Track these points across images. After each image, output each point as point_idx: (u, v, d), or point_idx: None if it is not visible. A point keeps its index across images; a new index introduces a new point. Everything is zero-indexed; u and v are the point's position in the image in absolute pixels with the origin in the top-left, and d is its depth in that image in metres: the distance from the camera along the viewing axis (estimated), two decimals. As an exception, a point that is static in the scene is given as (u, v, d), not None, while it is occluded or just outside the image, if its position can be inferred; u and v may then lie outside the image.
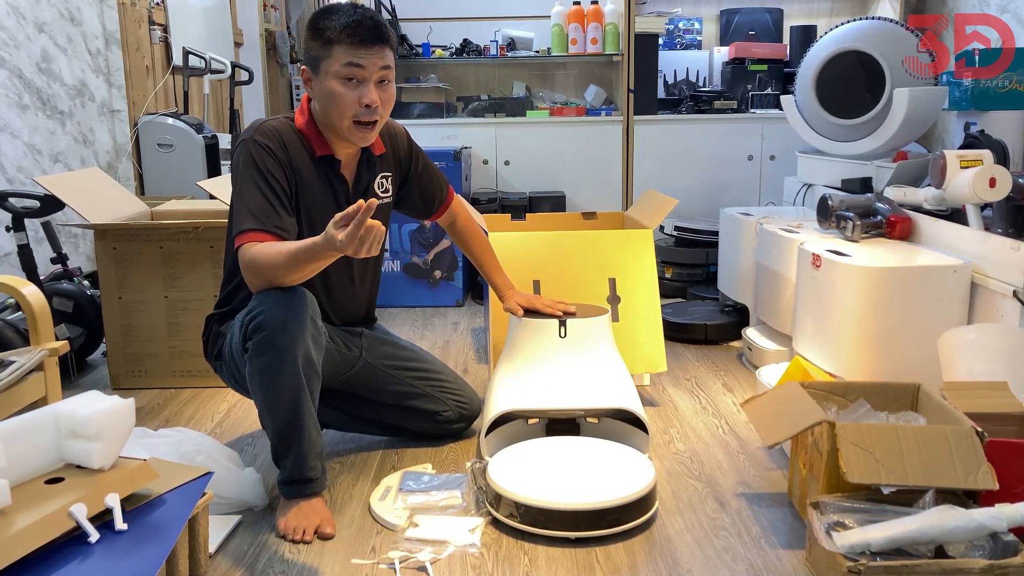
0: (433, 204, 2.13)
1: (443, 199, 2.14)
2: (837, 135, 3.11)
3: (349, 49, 1.73)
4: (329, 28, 1.73)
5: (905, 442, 1.52)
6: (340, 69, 1.74)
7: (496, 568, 1.58)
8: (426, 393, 2.10)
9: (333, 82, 1.75)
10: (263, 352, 1.64)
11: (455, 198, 2.18)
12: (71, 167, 3.36)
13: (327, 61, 1.74)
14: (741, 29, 4.42)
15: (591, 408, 1.99)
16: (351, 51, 1.73)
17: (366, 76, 1.75)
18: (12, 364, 1.79)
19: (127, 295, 2.58)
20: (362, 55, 1.73)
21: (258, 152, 1.75)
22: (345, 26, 1.73)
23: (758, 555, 1.61)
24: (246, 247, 1.68)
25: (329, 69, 1.75)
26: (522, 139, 4.10)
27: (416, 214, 2.15)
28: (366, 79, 1.75)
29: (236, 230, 1.71)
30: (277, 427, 1.70)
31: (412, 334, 3.19)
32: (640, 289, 2.43)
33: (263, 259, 1.65)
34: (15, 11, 3.06)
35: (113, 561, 1.27)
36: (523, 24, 4.41)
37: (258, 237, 1.69)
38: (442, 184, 2.14)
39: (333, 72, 1.74)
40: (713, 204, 3.86)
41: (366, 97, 1.75)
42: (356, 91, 1.75)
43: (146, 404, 2.48)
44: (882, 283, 2.15)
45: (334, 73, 1.74)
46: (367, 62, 1.74)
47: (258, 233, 1.69)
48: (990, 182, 2.17)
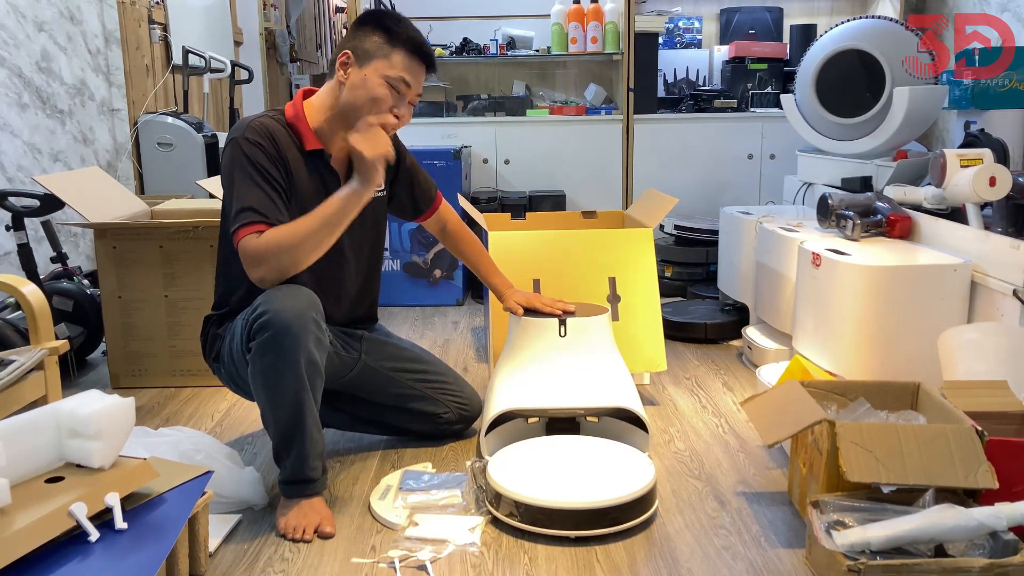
0: (420, 204, 2.13)
1: (431, 200, 2.14)
2: (837, 134, 3.11)
3: (409, 62, 1.81)
4: (400, 33, 1.80)
5: (905, 441, 1.53)
6: (392, 75, 1.79)
7: (496, 567, 1.58)
8: (426, 395, 2.10)
9: (379, 81, 1.79)
10: (267, 352, 1.64)
11: (444, 204, 2.18)
12: (71, 166, 3.36)
13: (382, 61, 1.79)
14: (741, 28, 4.42)
15: (591, 407, 1.99)
16: (410, 65, 1.81)
17: (408, 93, 1.82)
18: (12, 363, 1.79)
19: (127, 294, 2.58)
20: (416, 75, 1.83)
21: (250, 149, 1.75)
22: (413, 39, 1.81)
23: (758, 554, 1.61)
24: (252, 236, 1.68)
25: (382, 68, 1.79)
26: (522, 138, 4.10)
27: (404, 215, 2.15)
28: (406, 95, 1.82)
29: (237, 224, 1.70)
30: (279, 427, 1.70)
31: (412, 333, 3.19)
32: (640, 288, 2.43)
33: (286, 237, 1.68)
34: (15, 10, 3.06)
35: (113, 560, 1.27)
36: (523, 23, 4.40)
37: (261, 228, 1.69)
38: (430, 186, 2.15)
39: (385, 74, 1.79)
40: (713, 203, 3.86)
41: (399, 109, 1.82)
42: (393, 100, 1.81)
43: (146, 403, 2.48)
44: (882, 282, 2.15)
45: (385, 75, 1.79)
46: (416, 83, 1.83)
47: (260, 224, 1.69)
48: (990, 181, 2.17)
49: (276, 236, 1.68)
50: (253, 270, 1.70)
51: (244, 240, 1.69)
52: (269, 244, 1.67)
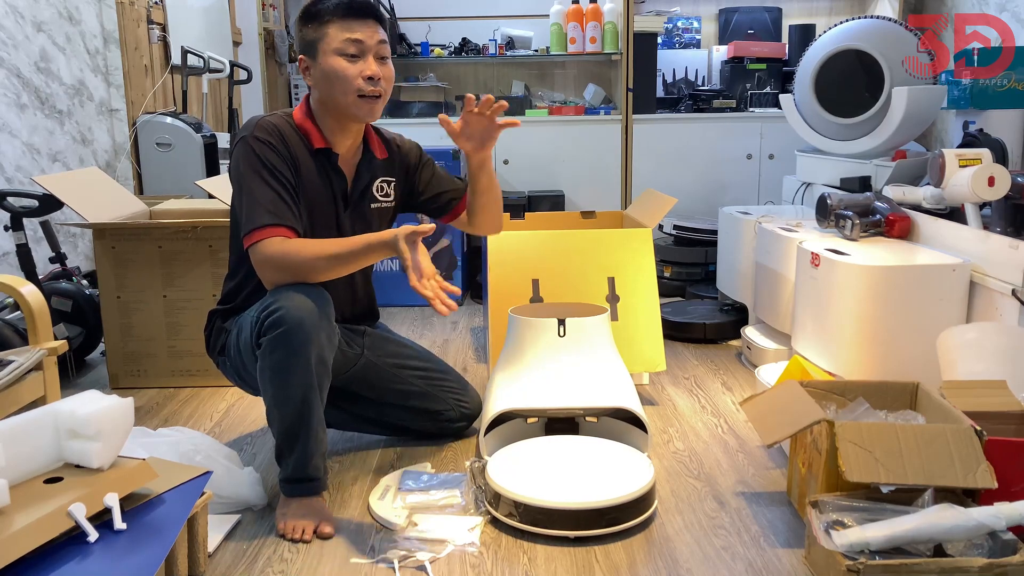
0: (449, 206, 2.07)
1: (460, 197, 2.07)
2: (836, 134, 3.12)
3: (345, 25, 1.76)
4: (323, 10, 1.77)
5: (904, 441, 1.53)
6: (339, 45, 1.76)
7: (495, 567, 1.58)
8: (428, 392, 2.10)
9: (333, 59, 1.77)
10: (277, 348, 1.64)
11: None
12: (70, 166, 3.35)
13: (324, 41, 1.77)
14: (740, 28, 4.42)
15: (590, 407, 1.99)
16: (347, 26, 1.76)
17: (365, 49, 1.77)
18: (11, 363, 1.78)
19: (126, 294, 2.58)
20: (358, 29, 1.77)
21: (260, 148, 1.75)
22: (338, 4, 1.76)
23: (757, 554, 1.61)
24: (266, 242, 1.68)
25: (328, 48, 1.77)
26: (521, 138, 4.09)
27: (438, 215, 2.10)
28: (365, 52, 1.78)
29: (250, 227, 1.70)
30: (284, 424, 1.70)
31: (411, 333, 3.19)
32: (639, 288, 2.43)
33: (300, 255, 1.67)
34: (13, 10, 3.06)
35: (112, 560, 1.27)
36: (522, 23, 4.40)
37: (275, 232, 1.69)
38: (455, 185, 2.08)
39: (332, 50, 1.77)
40: (712, 203, 3.86)
41: (368, 70, 1.78)
42: (357, 65, 1.77)
43: (145, 403, 2.48)
44: (881, 282, 2.15)
45: (333, 50, 1.77)
46: (365, 35, 1.77)
47: (275, 228, 1.69)
48: (989, 181, 2.17)
49: (295, 252, 1.67)
50: (264, 273, 1.71)
51: (260, 244, 1.69)
52: (287, 255, 1.67)
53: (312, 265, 1.68)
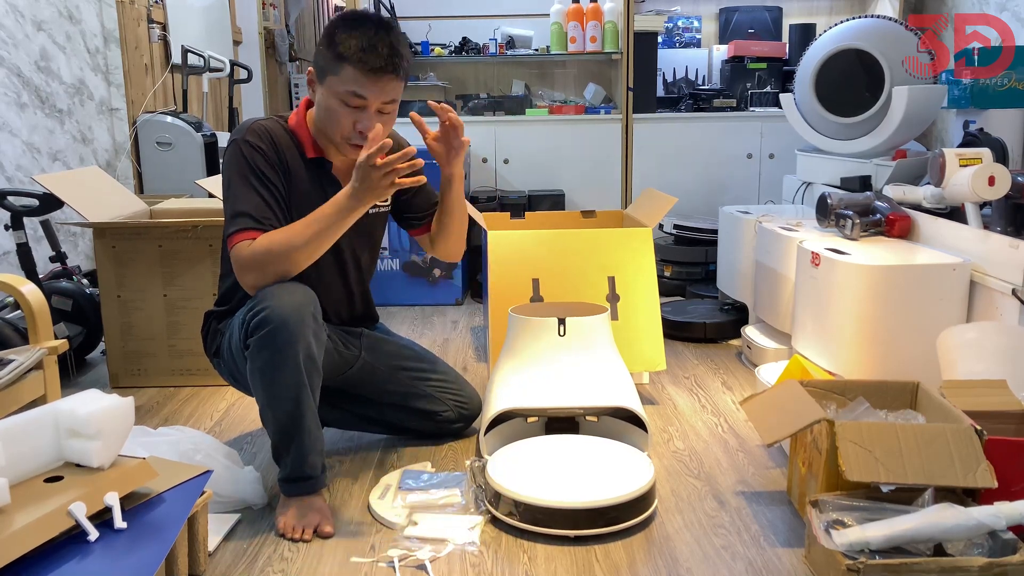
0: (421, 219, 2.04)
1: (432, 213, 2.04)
2: (836, 133, 3.11)
3: (357, 75, 1.68)
4: (344, 45, 1.67)
5: (904, 440, 1.53)
6: (344, 94, 1.70)
7: (495, 566, 1.58)
8: (426, 393, 2.10)
9: (334, 100, 1.72)
10: (265, 348, 1.64)
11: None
12: (70, 165, 3.35)
13: (334, 78, 1.71)
14: (740, 27, 4.42)
15: (590, 406, 1.99)
16: (358, 78, 1.68)
17: (368, 104, 1.71)
18: (11, 363, 1.78)
19: (126, 294, 2.58)
20: (368, 87, 1.69)
21: (250, 152, 1.75)
22: (359, 49, 1.67)
23: (757, 553, 1.61)
24: (246, 243, 1.68)
25: (333, 87, 1.71)
26: (521, 137, 4.10)
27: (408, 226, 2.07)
28: (367, 107, 1.72)
29: (231, 229, 1.71)
30: (278, 424, 1.70)
31: (411, 332, 3.19)
32: (639, 288, 2.43)
33: (278, 242, 1.66)
34: (13, 9, 3.06)
35: (112, 560, 1.27)
36: (522, 22, 4.40)
37: (253, 235, 1.69)
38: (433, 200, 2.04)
39: (336, 92, 1.71)
40: (712, 202, 3.86)
41: (361, 124, 1.72)
42: (353, 115, 1.72)
43: (145, 403, 2.48)
44: (881, 281, 2.15)
45: (336, 93, 1.71)
46: (371, 94, 1.70)
47: (255, 232, 1.69)
48: (989, 180, 2.17)
49: (267, 243, 1.67)
50: (244, 276, 1.70)
51: (237, 247, 1.69)
52: (258, 251, 1.67)
53: (288, 246, 1.66)
